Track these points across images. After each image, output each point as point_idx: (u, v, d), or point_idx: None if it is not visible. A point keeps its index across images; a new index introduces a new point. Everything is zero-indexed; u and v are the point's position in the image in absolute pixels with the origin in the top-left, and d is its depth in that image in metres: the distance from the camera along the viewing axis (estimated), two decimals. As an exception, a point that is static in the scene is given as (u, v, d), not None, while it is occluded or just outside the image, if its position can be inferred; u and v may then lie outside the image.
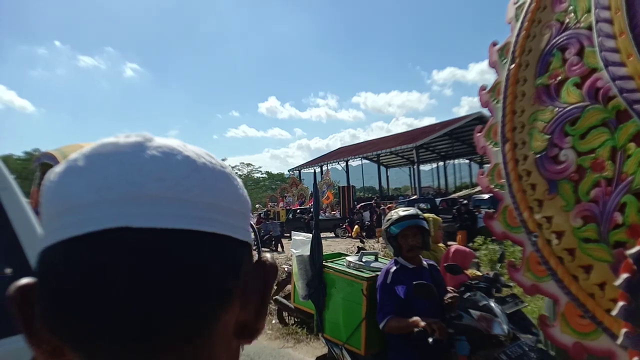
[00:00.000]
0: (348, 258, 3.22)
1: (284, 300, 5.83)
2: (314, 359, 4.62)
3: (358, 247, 9.75)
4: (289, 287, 6.47)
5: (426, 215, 3.12)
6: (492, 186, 1.74)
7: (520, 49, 1.71)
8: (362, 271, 2.89)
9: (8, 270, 1.51)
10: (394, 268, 2.52)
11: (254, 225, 7.05)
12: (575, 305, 1.36)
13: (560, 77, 1.53)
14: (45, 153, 5.58)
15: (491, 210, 1.75)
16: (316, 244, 3.09)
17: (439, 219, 4.10)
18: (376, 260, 3.12)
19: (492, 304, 2.42)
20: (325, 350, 3.93)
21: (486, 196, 16.75)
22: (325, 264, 3.11)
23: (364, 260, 3.07)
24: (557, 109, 1.52)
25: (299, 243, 3.28)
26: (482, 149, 1.81)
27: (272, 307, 6.37)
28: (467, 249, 4.09)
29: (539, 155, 1.55)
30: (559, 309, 1.40)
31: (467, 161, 44.26)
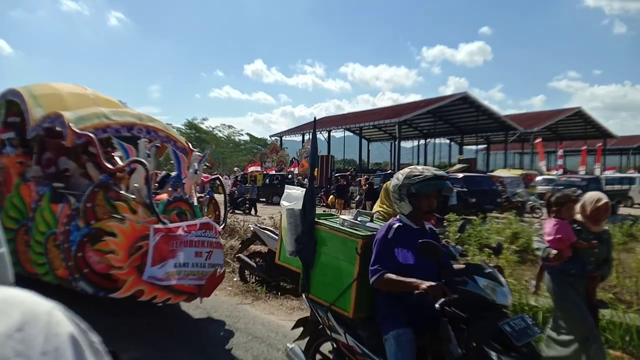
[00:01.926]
0: (342, 216, 3.00)
1: (247, 259, 6.01)
2: (270, 316, 4.77)
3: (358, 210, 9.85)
4: (252, 246, 6.64)
5: None
6: None
7: None
8: (357, 230, 2.67)
9: None
10: (398, 224, 2.39)
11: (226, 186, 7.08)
12: None
13: None
14: (11, 89, 5.35)
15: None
16: (309, 198, 2.84)
17: None
18: (371, 221, 2.92)
19: (497, 273, 2.34)
20: (304, 312, 3.89)
21: (460, 175, 17.12)
22: (318, 220, 2.88)
23: (359, 219, 2.85)
24: None
25: (291, 196, 3.01)
26: None
27: (235, 264, 6.53)
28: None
29: None
30: None
31: (448, 141, 44.76)
